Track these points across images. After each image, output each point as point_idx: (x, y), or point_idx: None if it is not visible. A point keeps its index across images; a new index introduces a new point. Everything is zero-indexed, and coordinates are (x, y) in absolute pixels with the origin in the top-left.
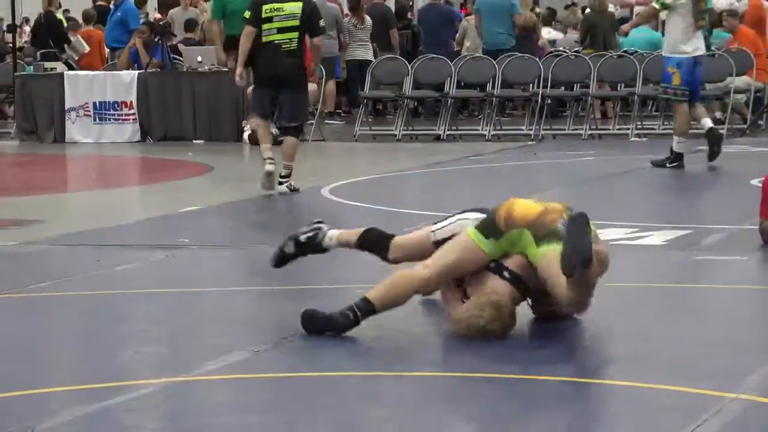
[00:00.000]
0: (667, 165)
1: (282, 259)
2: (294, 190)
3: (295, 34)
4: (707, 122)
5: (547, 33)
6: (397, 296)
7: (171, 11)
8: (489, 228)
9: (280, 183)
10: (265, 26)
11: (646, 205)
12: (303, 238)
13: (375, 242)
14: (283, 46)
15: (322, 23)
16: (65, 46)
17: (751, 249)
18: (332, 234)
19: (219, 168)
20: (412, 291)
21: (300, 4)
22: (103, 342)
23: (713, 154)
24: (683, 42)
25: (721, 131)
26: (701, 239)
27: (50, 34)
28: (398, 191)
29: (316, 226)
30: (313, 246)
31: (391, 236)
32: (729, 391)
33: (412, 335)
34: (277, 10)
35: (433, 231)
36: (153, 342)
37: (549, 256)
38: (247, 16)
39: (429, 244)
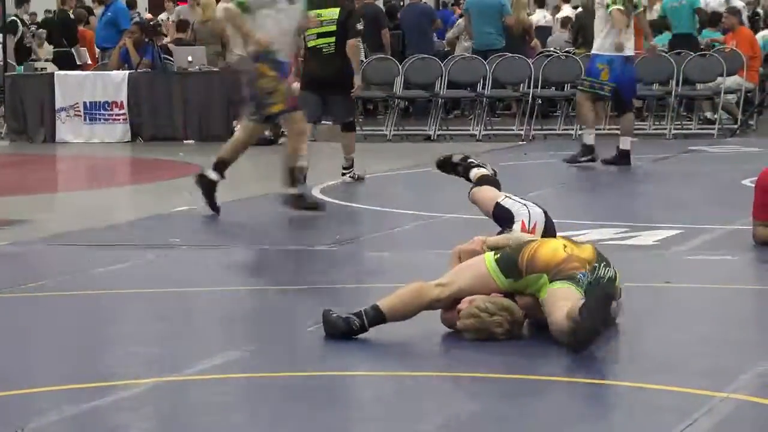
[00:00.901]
0: (582, 161)
1: (444, 165)
2: (359, 179)
3: (333, 39)
4: (626, 142)
5: (542, 17)
6: (406, 310)
7: (177, 8)
8: (509, 268)
9: (343, 174)
10: (307, 32)
11: (637, 204)
12: (470, 160)
13: (481, 181)
14: (324, 50)
15: (359, 26)
16: (74, 48)
17: (742, 249)
18: (477, 172)
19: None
20: (421, 308)
21: (337, 10)
22: (93, 342)
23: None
24: (622, 41)
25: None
26: (692, 239)
27: (64, 33)
28: (388, 191)
29: (480, 163)
30: (467, 171)
31: (491, 185)
32: (719, 391)
33: (402, 335)
34: (317, 16)
35: (503, 197)
36: (143, 342)
37: (555, 293)
38: None
39: (491, 207)
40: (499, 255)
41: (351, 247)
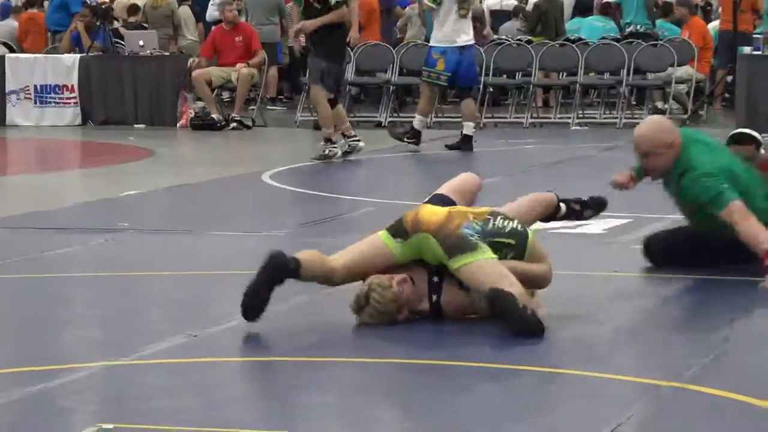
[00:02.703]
0: (406, 141)
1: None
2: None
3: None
4: (469, 127)
5: (498, 0)
6: (309, 272)
7: None
8: (397, 229)
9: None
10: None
11: (586, 193)
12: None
13: None
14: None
15: None
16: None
17: None
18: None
19: (160, 152)
20: (319, 272)
21: None
22: (40, 325)
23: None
24: (454, 32)
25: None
26: (641, 228)
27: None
28: (339, 177)
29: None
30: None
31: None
32: (663, 380)
33: (348, 322)
34: None
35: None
36: (91, 325)
37: (466, 271)
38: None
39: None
40: (389, 225)
41: (299, 233)
